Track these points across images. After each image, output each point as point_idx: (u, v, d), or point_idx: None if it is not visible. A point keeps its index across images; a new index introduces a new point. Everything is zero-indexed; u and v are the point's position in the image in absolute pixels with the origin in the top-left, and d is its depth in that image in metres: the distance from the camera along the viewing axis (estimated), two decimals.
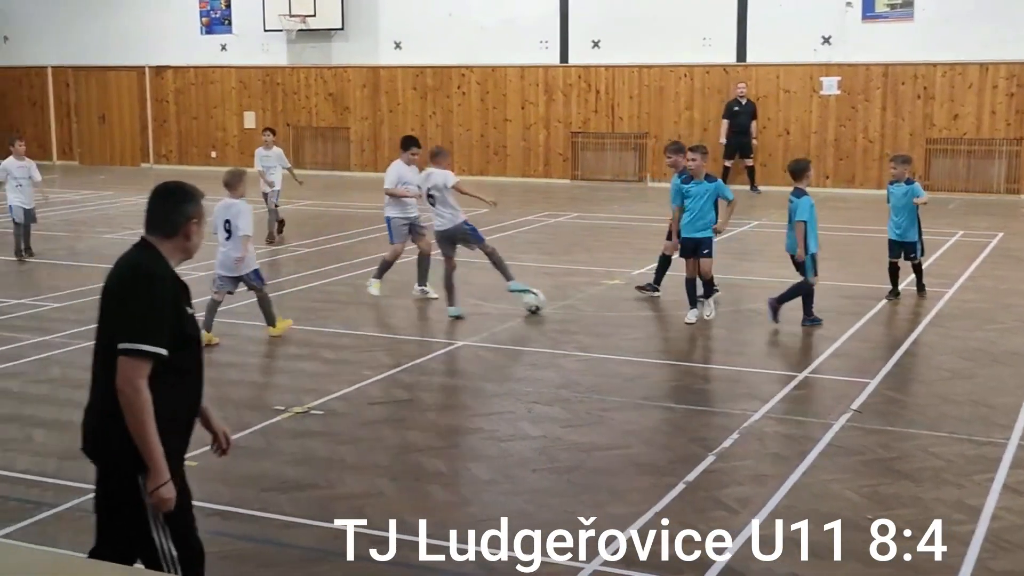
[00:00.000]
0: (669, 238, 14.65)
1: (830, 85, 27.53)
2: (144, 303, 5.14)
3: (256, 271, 12.85)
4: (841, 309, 14.47)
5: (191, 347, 5.36)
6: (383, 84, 32.03)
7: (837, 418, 9.95)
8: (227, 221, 12.52)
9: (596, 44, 29.53)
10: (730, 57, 28.40)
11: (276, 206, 20.53)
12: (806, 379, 11.30)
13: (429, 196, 14.20)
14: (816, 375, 11.46)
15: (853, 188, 27.48)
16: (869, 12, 27.06)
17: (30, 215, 18.76)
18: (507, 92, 30.72)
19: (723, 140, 27.84)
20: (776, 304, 13.48)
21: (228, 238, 12.56)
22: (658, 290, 15.21)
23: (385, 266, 15.20)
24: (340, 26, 31.92)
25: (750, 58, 28.23)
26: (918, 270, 15.21)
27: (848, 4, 27.13)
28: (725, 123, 27.93)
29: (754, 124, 27.79)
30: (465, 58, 30.95)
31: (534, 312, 14.04)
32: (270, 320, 12.95)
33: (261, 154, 20.89)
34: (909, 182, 15.03)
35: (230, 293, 12.88)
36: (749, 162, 27.82)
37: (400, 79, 31.83)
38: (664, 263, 15.13)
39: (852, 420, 9.92)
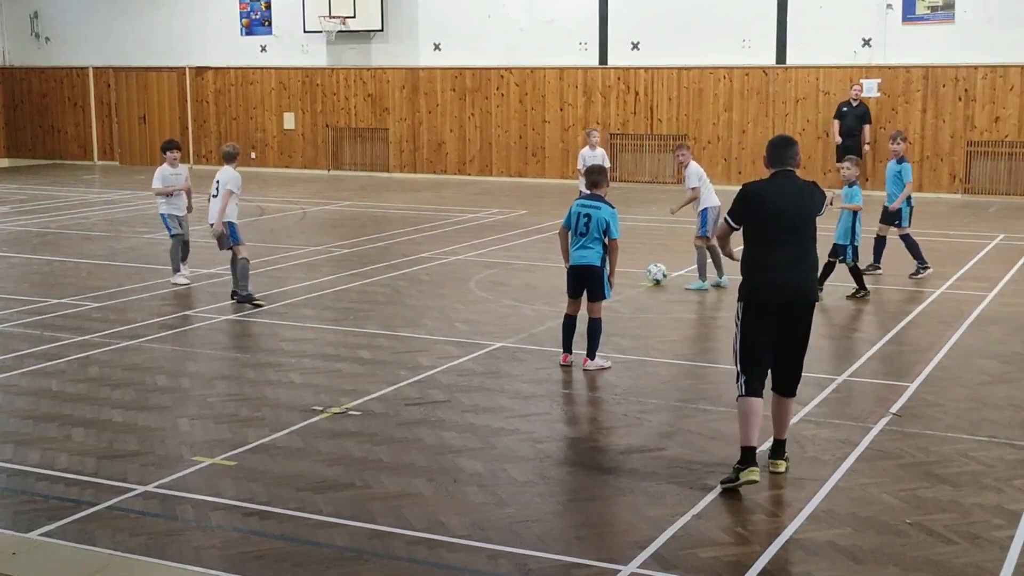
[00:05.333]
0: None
1: (870, 87, 27.35)
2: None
3: None
4: (879, 312, 14.40)
5: None
6: (422, 85, 32.08)
7: (876, 422, 9.89)
8: None
9: (635, 46, 29.49)
10: (770, 59, 28.28)
11: None
12: (845, 382, 11.23)
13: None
14: (855, 378, 11.39)
15: None
16: (910, 14, 26.88)
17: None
18: (546, 94, 30.71)
19: (838, 140, 27.07)
20: None
21: None
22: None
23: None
24: (380, 27, 32.00)
25: (790, 60, 28.10)
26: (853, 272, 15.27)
27: (888, 6, 26.96)
28: (836, 124, 27.30)
29: (867, 128, 26.96)
30: (504, 60, 30.97)
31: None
32: None
33: None
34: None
35: None
36: None
37: (439, 80, 31.87)
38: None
39: (891, 424, 9.86)
